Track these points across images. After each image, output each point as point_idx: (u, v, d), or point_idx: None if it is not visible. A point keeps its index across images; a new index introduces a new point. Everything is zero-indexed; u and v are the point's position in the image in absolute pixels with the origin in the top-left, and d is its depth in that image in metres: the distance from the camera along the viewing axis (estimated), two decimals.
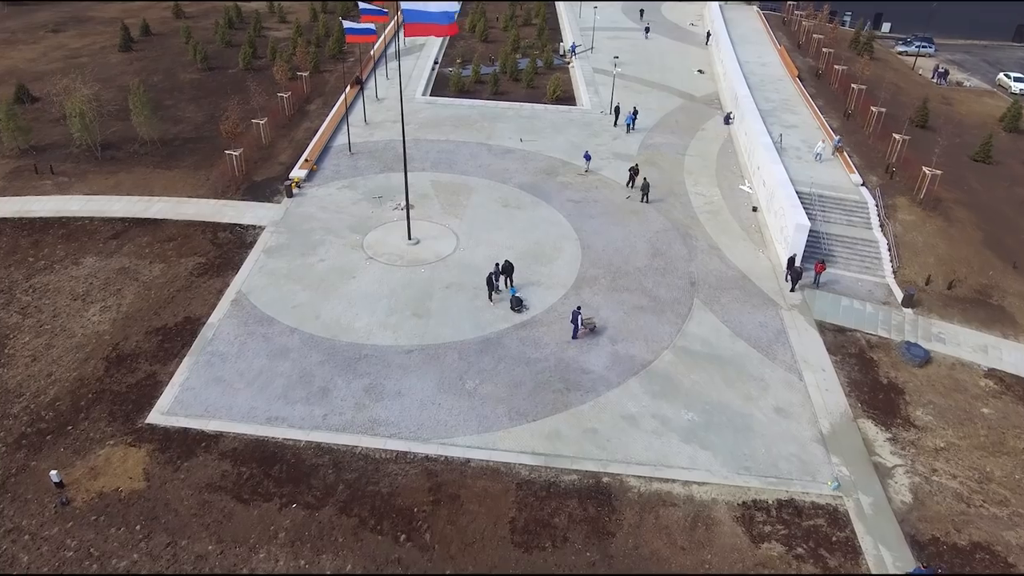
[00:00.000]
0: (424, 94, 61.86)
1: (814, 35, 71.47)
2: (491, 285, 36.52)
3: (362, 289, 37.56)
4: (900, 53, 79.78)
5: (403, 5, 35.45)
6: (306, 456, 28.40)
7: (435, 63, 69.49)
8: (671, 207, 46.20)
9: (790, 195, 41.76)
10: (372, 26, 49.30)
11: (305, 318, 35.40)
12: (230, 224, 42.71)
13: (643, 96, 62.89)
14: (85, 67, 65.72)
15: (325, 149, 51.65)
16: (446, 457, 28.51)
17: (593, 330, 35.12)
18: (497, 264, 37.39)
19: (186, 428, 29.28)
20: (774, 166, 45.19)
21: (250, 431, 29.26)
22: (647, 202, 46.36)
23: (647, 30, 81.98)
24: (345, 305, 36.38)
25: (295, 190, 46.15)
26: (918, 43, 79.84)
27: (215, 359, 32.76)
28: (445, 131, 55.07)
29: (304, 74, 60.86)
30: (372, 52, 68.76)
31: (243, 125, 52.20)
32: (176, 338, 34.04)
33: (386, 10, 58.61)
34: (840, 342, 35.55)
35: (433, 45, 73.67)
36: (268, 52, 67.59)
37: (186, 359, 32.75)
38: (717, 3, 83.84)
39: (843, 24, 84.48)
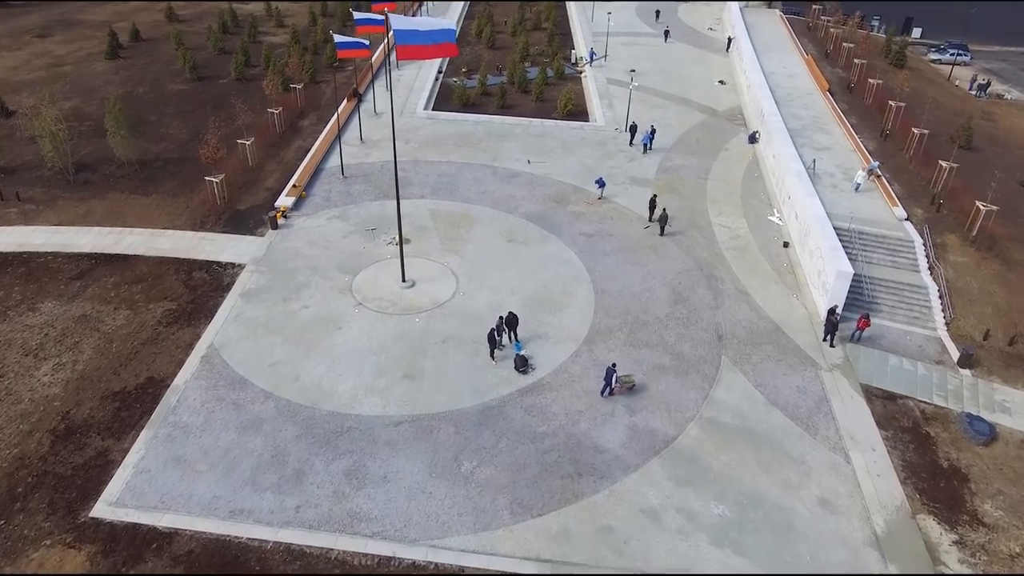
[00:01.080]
0: (426, 108, 57.28)
1: (844, 43, 66.21)
2: (493, 342, 32.07)
3: (348, 343, 33.18)
4: (933, 61, 74.50)
5: (394, 24, 30.91)
6: (273, 562, 24.08)
7: (439, 72, 64.88)
8: (694, 242, 41.57)
9: (828, 235, 37.01)
10: (366, 41, 44.66)
11: (283, 380, 31.07)
12: (207, 262, 38.38)
13: (660, 111, 58.11)
14: (68, 76, 61.71)
15: (316, 172, 47.22)
16: (436, 564, 24.17)
17: (632, 389, 30.77)
18: (500, 317, 32.92)
19: (136, 524, 24.99)
20: (808, 198, 40.44)
21: (210, 528, 24.95)
22: (663, 234, 41.78)
23: (667, 34, 76.98)
24: (329, 363, 32.02)
25: (281, 221, 41.77)
26: (953, 50, 74.51)
27: (177, 432, 28.49)
28: (447, 151, 50.51)
29: (298, 86, 56.40)
30: (372, 61, 64.18)
31: (228, 146, 47.91)
32: (135, 405, 29.76)
33: (383, 18, 54.05)
34: (891, 412, 30.91)
35: None
36: (262, 60, 63.14)
37: (144, 432, 28.48)
38: (737, 6, 78.80)
39: (871, 29, 79.19)
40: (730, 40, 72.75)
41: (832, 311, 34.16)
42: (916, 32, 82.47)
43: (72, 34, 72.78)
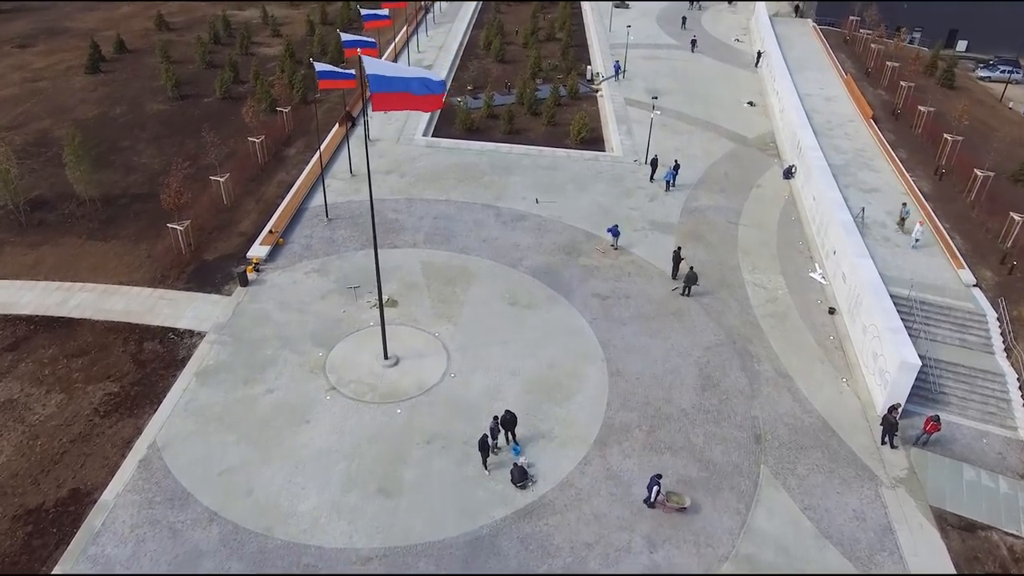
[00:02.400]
0: (425, 134, 51.47)
1: (887, 62, 59.50)
2: (486, 449, 26.43)
3: (316, 443, 27.64)
4: (982, 79, 67.66)
5: (368, 68, 25.14)
6: None
7: None
8: (724, 306, 35.63)
9: (887, 311, 30.90)
10: (351, 72, 38.82)
11: (233, 494, 25.60)
12: (162, 329, 32.95)
13: (684, 138, 51.98)
14: (42, 94, 56.50)
15: (298, 212, 41.65)
16: None
17: (683, 510, 25.20)
18: (495, 418, 27.26)
19: None
20: (859, 259, 34.33)
21: None
22: (689, 294, 35.92)
23: (693, 43, 70.61)
24: (290, 470, 26.52)
25: (252, 275, 36.27)
26: (1004, 67, 67.63)
27: (96, 571, 23.15)
28: (446, 187, 44.73)
29: (285, 110, 50.79)
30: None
31: (200, 183, 42.58)
32: (51, 529, 24.43)
33: (374, 41, 48.29)
34: (971, 550, 24.98)
35: (441, 68, 63.16)
36: (251, 76, 57.58)
37: (57, 568, 23.19)
38: (767, 16, 72.21)
39: (910, 41, 72.37)
40: (760, 55, 66.32)
41: (893, 409, 28.23)
42: (961, 45, 75.51)
43: (55, 44, 67.54)
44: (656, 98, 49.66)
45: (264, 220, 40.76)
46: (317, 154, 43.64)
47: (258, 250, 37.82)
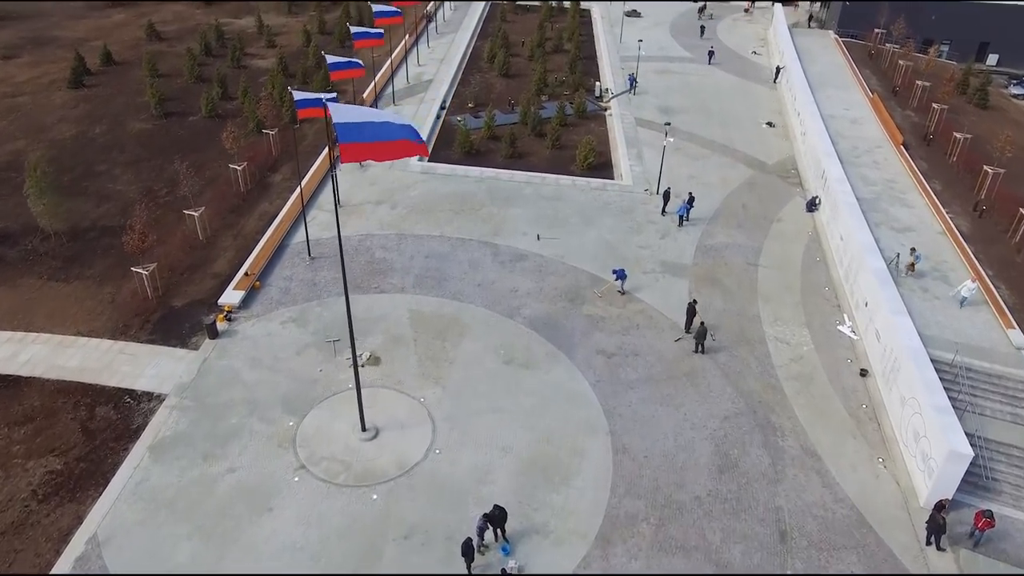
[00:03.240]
0: (421, 159, 47.84)
1: (917, 81, 55.20)
2: (471, 553, 22.82)
3: (279, 536, 24.12)
4: (1016, 96, 63.25)
5: (335, 116, 21.51)
6: None
7: (441, 108, 55.36)
8: (743, 365, 31.84)
9: (930, 385, 27.02)
10: (321, 97, 35.18)
11: None
12: (118, 391, 29.51)
13: (699, 164, 48.09)
14: (20, 110, 53.22)
15: (279, 250, 38.11)
16: None
17: None
18: (484, 515, 23.64)
19: None
20: (896, 318, 30.44)
21: None
22: (703, 351, 32.20)
23: (711, 55, 66.68)
24: (247, 571, 23.06)
25: (223, 325, 32.79)
26: None
27: None
28: (440, 220, 41.06)
29: (271, 132, 47.25)
30: (365, 95, 54.90)
31: (173, 216, 39.21)
32: None
33: (361, 63, 44.78)
34: None
35: (441, 83, 59.43)
36: (239, 93, 54.08)
37: None
38: (786, 27, 68.04)
39: (939, 55, 67.97)
40: (779, 69, 62.22)
41: (941, 507, 24.43)
42: (991, 59, 70.99)
43: (41, 55, 64.23)
44: (669, 124, 45.72)
45: (241, 258, 37.28)
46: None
47: (231, 296, 34.31)
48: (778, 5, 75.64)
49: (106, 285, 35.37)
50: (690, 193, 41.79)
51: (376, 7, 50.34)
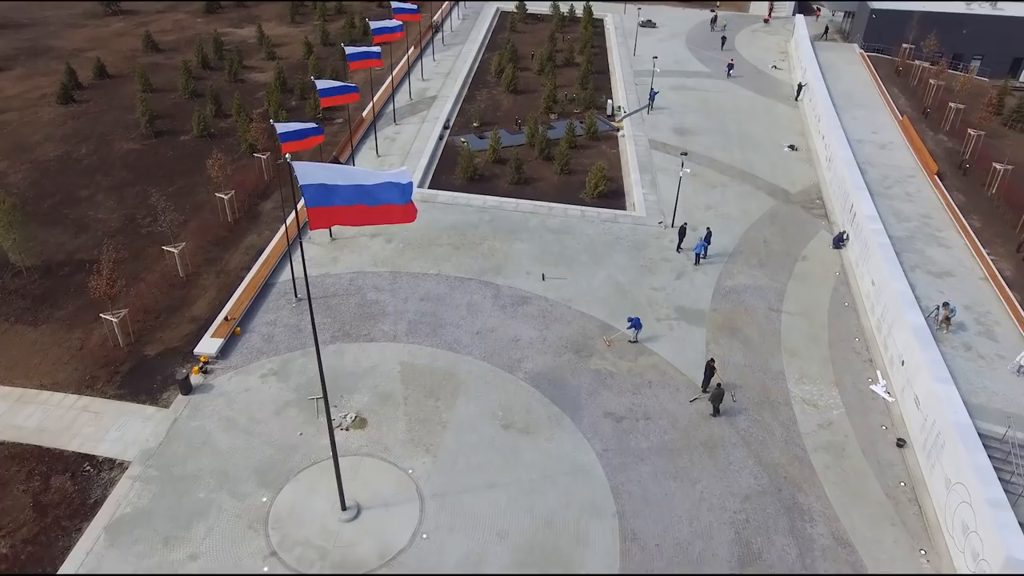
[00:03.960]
0: (421, 185, 44.78)
1: (951, 103, 51.44)
2: None
3: None
4: None
5: (301, 178, 18.55)
6: None
7: (445, 127, 52.30)
8: (766, 432, 28.65)
9: (981, 471, 23.65)
10: (352, 85, 32.35)
11: None
12: (78, 456, 26.72)
13: (717, 193, 44.79)
14: (7, 128, 50.67)
15: (264, 289, 35.20)
16: None
17: None
18: None
19: None
20: (939, 386, 27.14)
21: None
22: (719, 414, 29.04)
23: (730, 67, 63.43)
24: None
25: (197, 378, 29.96)
26: None
27: None
28: (439, 257, 38.04)
29: (263, 156, 44.38)
30: (364, 114, 51.92)
31: (154, 251, 36.44)
32: None
33: (354, 87, 41.78)
34: None
35: (446, 100, 56.35)
36: (234, 110, 51.26)
37: None
38: (809, 40, 64.53)
39: (964, 69, 64.23)
40: (801, 87, 58.73)
41: None
42: None
43: (34, 67, 61.71)
44: (685, 154, 42.36)
45: (223, 298, 34.43)
46: (290, 217, 37.02)
47: (208, 344, 31.43)
48: (799, 16, 72.12)
49: (76, 329, 32.61)
50: (708, 229, 38.54)
51: (375, 24, 47.32)
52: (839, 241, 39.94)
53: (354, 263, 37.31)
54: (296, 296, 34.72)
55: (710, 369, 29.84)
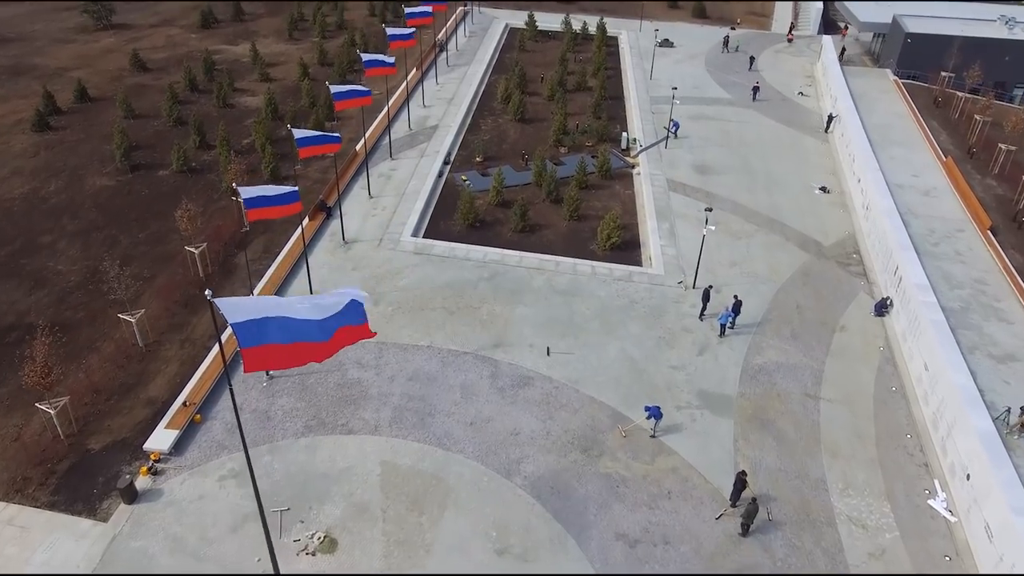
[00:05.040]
0: (416, 233, 40.29)
1: (1001, 145, 46.20)
2: None
3: None
4: None
5: (229, 316, 14.24)
6: None
7: (445, 163, 47.79)
8: (807, 561, 23.98)
9: None
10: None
11: None
12: None
13: (742, 245, 40.09)
14: None
15: (234, 362, 30.89)
16: None
17: None
18: None
19: None
20: (1020, 520, 22.50)
21: None
22: (748, 533, 24.49)
23: (755, 91, 58.86)
24: None
25: (145, 480, 25.66)
26: None
27: None
28: (431, 324, 33.51)
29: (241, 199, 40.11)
30: (358, 148, 47.50)
31: (111, 317, 32.14)
32: None
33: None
34: None
35: (447, 130, 51.81)
36: (218, 141, 46.97)
37: None
38: (838, 65, 59.65)
39: (1007, 99, 59.14)
40: (831, 118, 53.87)
41: None
42: None
43: (13, 87, 57.62)
44: (710, 209, 37.41)
45: (186, 374, 30.13)
46: (297, 232, 32.60)
47: (161, 438, 27.10)
48: (827, 38, 67.16)
49: (15, 412, 28.36)
50: (736, 298, 33.81)
51: (366, 56, 42.86)
52: (881, 308, 35.20)
53: None
54: (267, 374, 30.35)
55: (741, 482, 25.25)
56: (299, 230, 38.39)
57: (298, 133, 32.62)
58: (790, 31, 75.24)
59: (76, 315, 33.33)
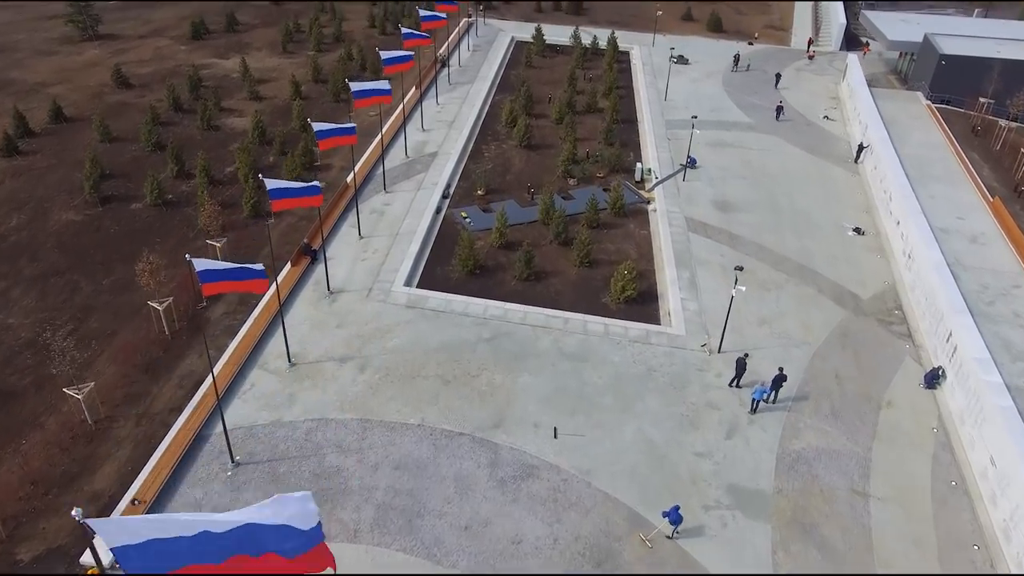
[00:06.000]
0: (408, 283, 36.04)
1: None
2: None
3: None
4: None
5: (108, 540, 10.20)
6: None
7: (444, 196, 43.55)
8: None
9: None
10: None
11: None
12: None
13: (771, 299, 35.75)
14: None
15: (195, 444, 26.69)
16: None
17: None
18: None
19: None
20: None
21: None
22: None
23: (779, 111, 54.77)
24: None
25: None
26: None
27: None
28: (423, 395, 29.24)
29: (217, 243, 35.86)
30: (348, 180, 43.24)
31: (57, 390, 28.03)
32: None
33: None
34: None
35: (447, 158, 47.50)
36: (198, 170, 42.85)
37: None
38: (866, 87, 55.25)
39: None
40: (861, 148, 49.51)
41: None
42: None
43: None
44: (740, 269, 32.86)
45: (140, 459, 25.95)
46: (272, 288, 28.44)
47: (104, 547, 23.00)
48: (852, 56, 62.80)
49: None
50: (780, 370, 29.32)
51: (355, 86, 38.49)
52: (932, 379, 30.85)
53: (315, 404, 28.67)
54: (233, 459, 26.16)
55: None
56: (274, 285, 34.27)
57: (271, 184, 28.37)
58: (809, 46, 70.81)
59: (21, 381, 29.21)
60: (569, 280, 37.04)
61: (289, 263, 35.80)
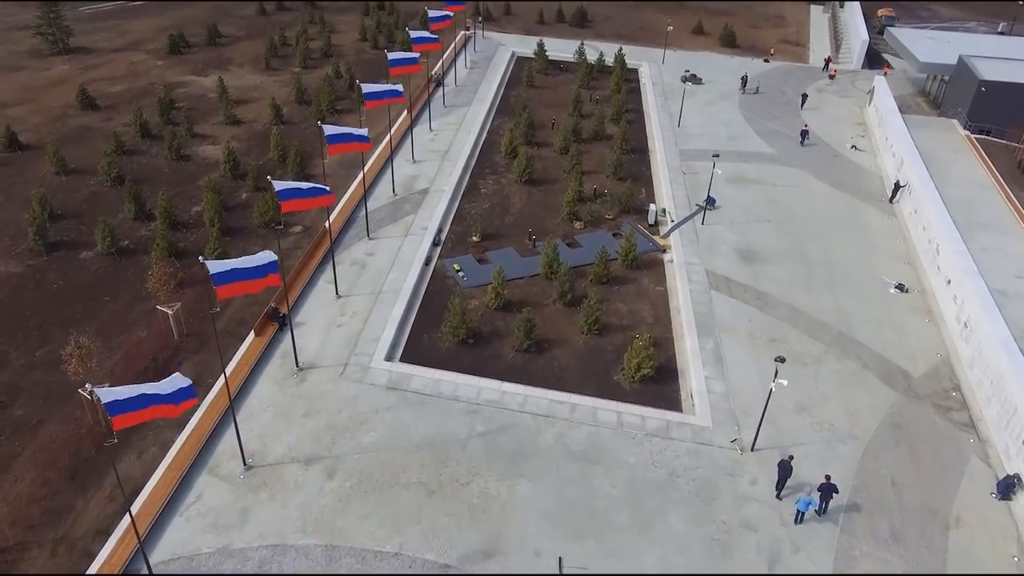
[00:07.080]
0: (390, 356, 30.78)
1: None
2: None
3: None
4: None
5: None
6: None
7: (435, 243, 38.38)
8: None
9: None
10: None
11: None
12: None
13: (808, 377, 30.53)
14: None
15: (137, 556, 21.76)
16: None
17: None
18: None
19: None
20: None
21: None
22: None
23: (804, 135, 50.04)
24: None
25: None
26: None
27: None
28: (402, 511, 23.93)
29: (169, 310, 30.62)
30: (327, 224, 38.00)
31: None
32: None
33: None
34: None
35: (439, 196, 42.22)
36: (158, 213, 37.65)
37: None
38: (898, 115, 50.05)
39: None
40: (898, 187, 44.36)
41: None
42: None
43: None
44: (782, 360, 27.38)
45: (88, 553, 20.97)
46: (235, 358, 23.20)
47: None
48: (879, 78, 57.40)
49: None
50: (828, 478, 24.31)
51: (331, 130, 32.90)
52: (1007, 489, 25.80)
53: (272, 523, 23.52)
54: None
55: None
56: (241, 348, 29.17)
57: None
58: (826, 65, 65.51)
59: None
60: (576, 351, 31.84)
61: (252, 332, 30.64)
